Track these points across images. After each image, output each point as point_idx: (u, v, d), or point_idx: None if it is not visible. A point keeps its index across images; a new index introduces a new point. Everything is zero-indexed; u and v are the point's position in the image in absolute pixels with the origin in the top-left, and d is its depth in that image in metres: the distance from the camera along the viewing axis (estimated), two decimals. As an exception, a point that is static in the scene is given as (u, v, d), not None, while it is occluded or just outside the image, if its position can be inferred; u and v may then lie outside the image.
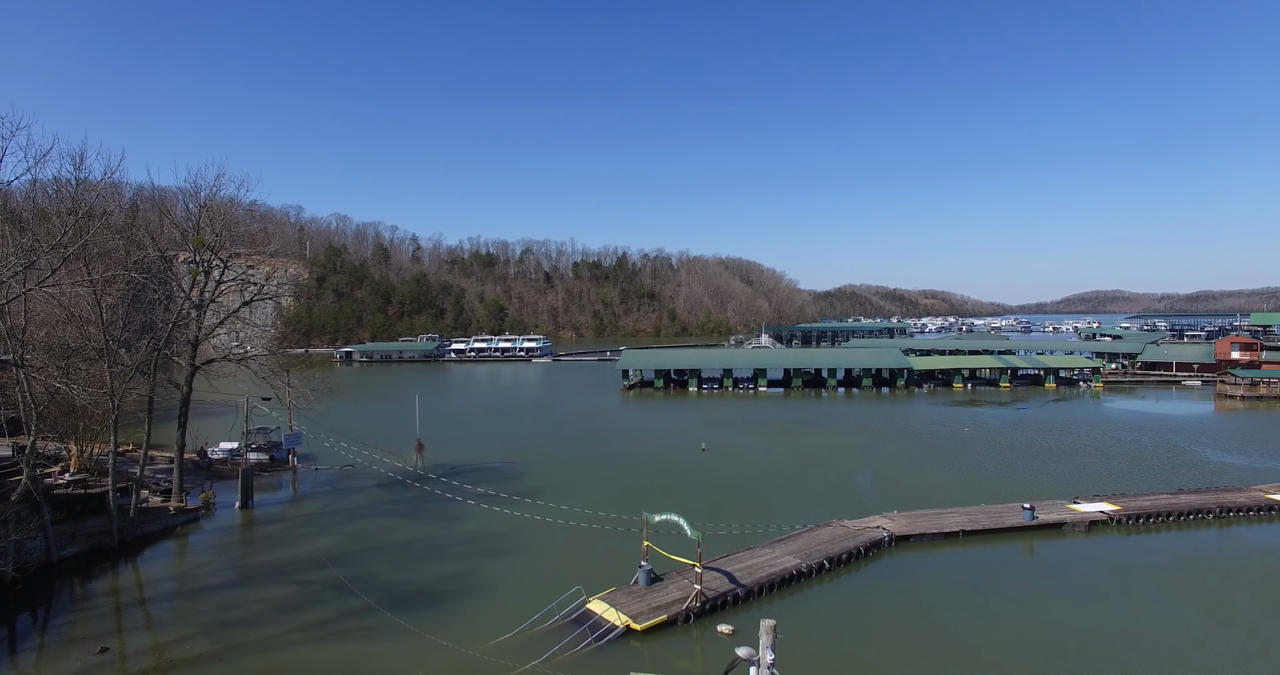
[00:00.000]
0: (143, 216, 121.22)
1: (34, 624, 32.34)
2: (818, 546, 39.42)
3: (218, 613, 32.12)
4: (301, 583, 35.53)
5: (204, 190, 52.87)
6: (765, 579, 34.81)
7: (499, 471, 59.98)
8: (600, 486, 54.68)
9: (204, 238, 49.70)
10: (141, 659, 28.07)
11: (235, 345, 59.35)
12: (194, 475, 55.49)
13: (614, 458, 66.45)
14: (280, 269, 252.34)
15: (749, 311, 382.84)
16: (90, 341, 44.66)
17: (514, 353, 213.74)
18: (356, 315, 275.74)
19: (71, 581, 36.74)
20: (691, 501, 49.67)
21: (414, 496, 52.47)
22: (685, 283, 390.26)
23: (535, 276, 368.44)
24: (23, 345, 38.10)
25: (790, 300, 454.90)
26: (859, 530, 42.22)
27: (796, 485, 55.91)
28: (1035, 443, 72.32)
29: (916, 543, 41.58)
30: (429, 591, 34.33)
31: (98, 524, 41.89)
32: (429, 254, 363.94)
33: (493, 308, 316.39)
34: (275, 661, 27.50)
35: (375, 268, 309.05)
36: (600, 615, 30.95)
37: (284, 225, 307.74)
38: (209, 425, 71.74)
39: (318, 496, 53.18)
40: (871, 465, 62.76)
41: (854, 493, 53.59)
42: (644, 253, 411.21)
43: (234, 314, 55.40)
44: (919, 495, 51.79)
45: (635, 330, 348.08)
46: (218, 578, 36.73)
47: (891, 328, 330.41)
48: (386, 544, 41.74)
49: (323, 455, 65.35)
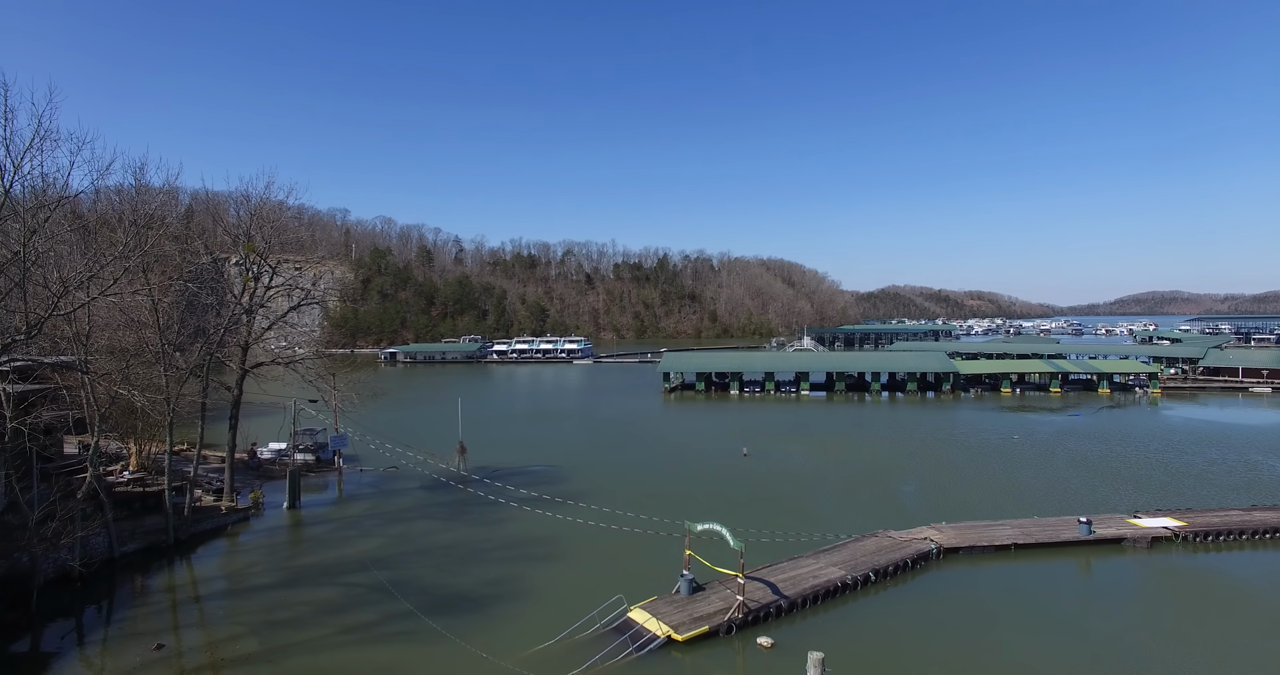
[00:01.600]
0: (197, 222, 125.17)
1: (99, 616, 33.63)
2: (863, 558, 38.58)
3: (266, 612, 32.80)
4: (346, 585, 36.07)
5: (254, 196, 54.30)
6: (809, 591, 34.17)
7: (541, 475, 60.21)
8: (641, 491, 54.48)
9: (254, 244, 50.97)
10: (195, 656, 28.80)
11: (284, 346, 60.78)
12: (244, 475, 56.93)
13: (655, 462, 66.19)
14: (327, 272, 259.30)
15: (790, 313, 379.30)
16: (147, 345, 46.22)
17: (555, 354, 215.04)
18: (401, 316, 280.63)
19: (132, 577, 38.04)
20: (733, 508, 49.13)
21: (456, 499, 52.97)
22: (726, 284, 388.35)
23: (576, 278, 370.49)
24: (86, 350, 39.55)
25: (832, 302, 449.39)
26: (906, 541, 41.21)
27: (840, 493, 54.92)
28: (1090, 452, 69.80)
29: (966, 555, 40.38)
30: (470, 596, 34.52)
31: (155, 522, 43.21)
32: (471, 256, 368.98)
33: (534, 309, 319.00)
34: (320, 664, 27.92)
35: (419, 269, 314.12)
36: (641, 625, 30.71)
37: (331, 228, 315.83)
38: (258, 426, 73.57)
39: (362, 498, 54.06)
40: (917, 473, 61.31)
41: (899, 502, 52.40)
42: (685, 254, 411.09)
43: (282, 318, 56.65)
44: (967, 506, 50.38)
45: (676, 332, 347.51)
46: (267, 578, 37.54)
47: (936, 330, 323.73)
48: (429, 547, 42.17)
49: (367, 457, 66.47)
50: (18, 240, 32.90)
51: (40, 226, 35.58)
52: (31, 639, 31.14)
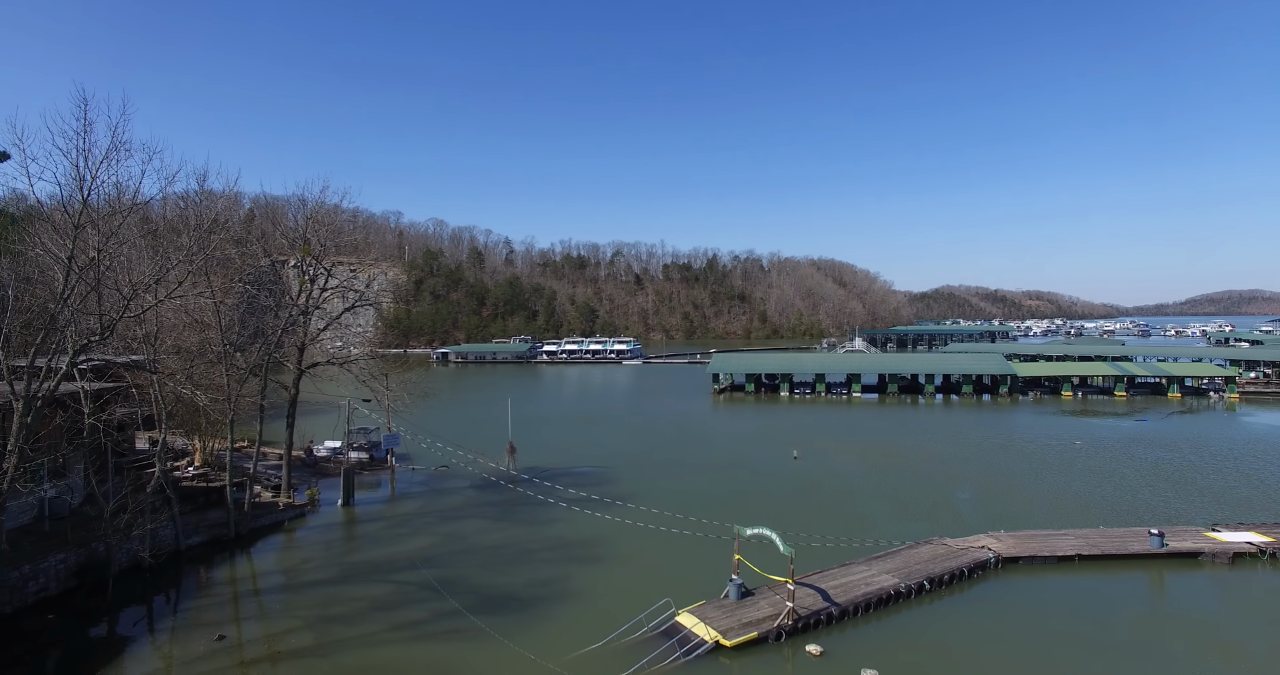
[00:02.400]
0: (256, 226, 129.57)
1: (167, 605, 35.03)
2: (917, 566, 37.51)
3: (321, 607, 33.57)
4: (397, 582, 36.68)
5: (310, 201, 55.84)
6: (860, 598, 33.37)
7: (589, 476, 60.36)
8: (690, 493, 54.12)
9: (310, 247, 52.40)
10: (254, 648, 29.65)
11: (339, 346, 62.36)
12: (300, 472, 58.55)
13: (704, 464, 65.72)
14: (380, 273, 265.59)
15: (842, 314, 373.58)
16: (210, 346, 48.00)
17: (605, 355, 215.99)
18: (452, 317, 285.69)
19: (197, 568, 39.46)
20: (782, 512, 48.40)
21: (506, 499, 53.47)
22: (776, 284, 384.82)
23: (626, 278, 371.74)
24: (155, 350, 41.20)
25: (885, 302, 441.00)
26: (962, 549, 39.92)
27: (893, 498, 53.59)
28: (1160, 460, 66.55)
29: (1026, 566, 38.84)
30: (518, 597, 34.71)
31: (217, 516, 44.73)
32: (522, 257, 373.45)
33: (584, 310, 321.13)
34: (371, 660, 28.40)
35: (470, 271, 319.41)
36: (690, 629, 30.42)
37: (385, 230, 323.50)
38: (314, 425, 75.57)
39: (414, 496, 55.01)
40: (973, 479, 59.41)
41: (954, 509, 50.84)
42: (734, 254, 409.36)
43: (336, 320, 58.09)
44: (1026, 514, 48.57)
45: (725, 332, 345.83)
46: (322, 573, 38.45)
47: (992, 331, 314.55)
48: (478, 546, 42.61)
49: (419, 455, 67.66)
50: (94, 246, 34.37)
51: (114, 232, 37.18)
52: (108, 624, 32.72)
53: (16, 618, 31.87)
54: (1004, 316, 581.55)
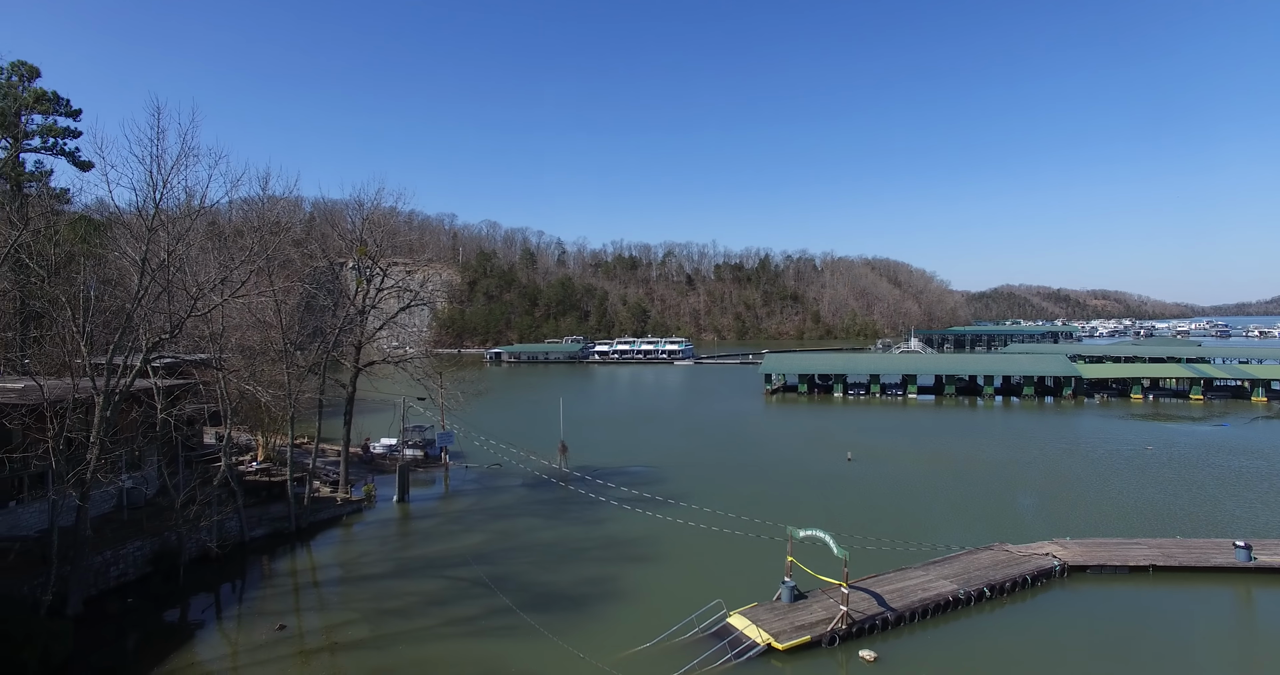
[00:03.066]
0: (317, 228, 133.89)
1: (233, 594, 36.31)
2: (977, 572, 36.27)
3: (377, 601, 34.27)
4: (450, 578, 37.20)
5: (367, 203, 57.27)
6: (917, 604, 32.43)
7: (641, 475, 60.31)
8: (742, 494, 53.57)
9: (367, 249, 53.74)
10: (312, 638, 30.45)
11: (395, 345, 63.74)
12: (357, 468, 60.07)
13: (756, 465, 65.02)
14: (435, 274, 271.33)
15: (897, 314, 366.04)
16: (272, 344, 49.68)
17: (656, 355, 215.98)
18: (505, 317, 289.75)
19: (260, 559, 40.81)
20: (836, 514, 47.51)
21: (558, 497, 53.82)
22: (829, 284, 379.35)
23: (677, 279, 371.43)
24: (220, 348, 42.83)
25: (941, 302, 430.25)
26: (1025, 556, 38.43)
27: (950, 502, 52.03)
28: (1244, 468, 62.77)
29: (1094, 575, 37.16)
30: (569, 595, 34.82)
31: (279, 510, 46.21)
32: (574, 257, 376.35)
33: (635, 310, 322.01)
34: (424, 653, 28.83)
35: (523, 271, 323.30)
36: (741, 631, 30.04)
37: (439, 232, 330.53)
38: (370, 422, 77.40)
39: (467, 493, 55.83)
40: (1035, 484, 57.22)
41: (1016, 514, 49.07)
42: (786, 254, 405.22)
43: (391, 319, 59.41)
44: (1093, 522, 46.52)
45: (778, 333, 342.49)
46: (378, 567, 39.29)
47: (1055, 331, 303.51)
48: (530, 544, 42.93)
49: (472, 453, 68.66)
50: (165, 248, 35.92)
51: (184, 235, 38.79)
52: (180, 610, 34.15)
53: (101, 600, 33.53)
54: (1067, 316, 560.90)
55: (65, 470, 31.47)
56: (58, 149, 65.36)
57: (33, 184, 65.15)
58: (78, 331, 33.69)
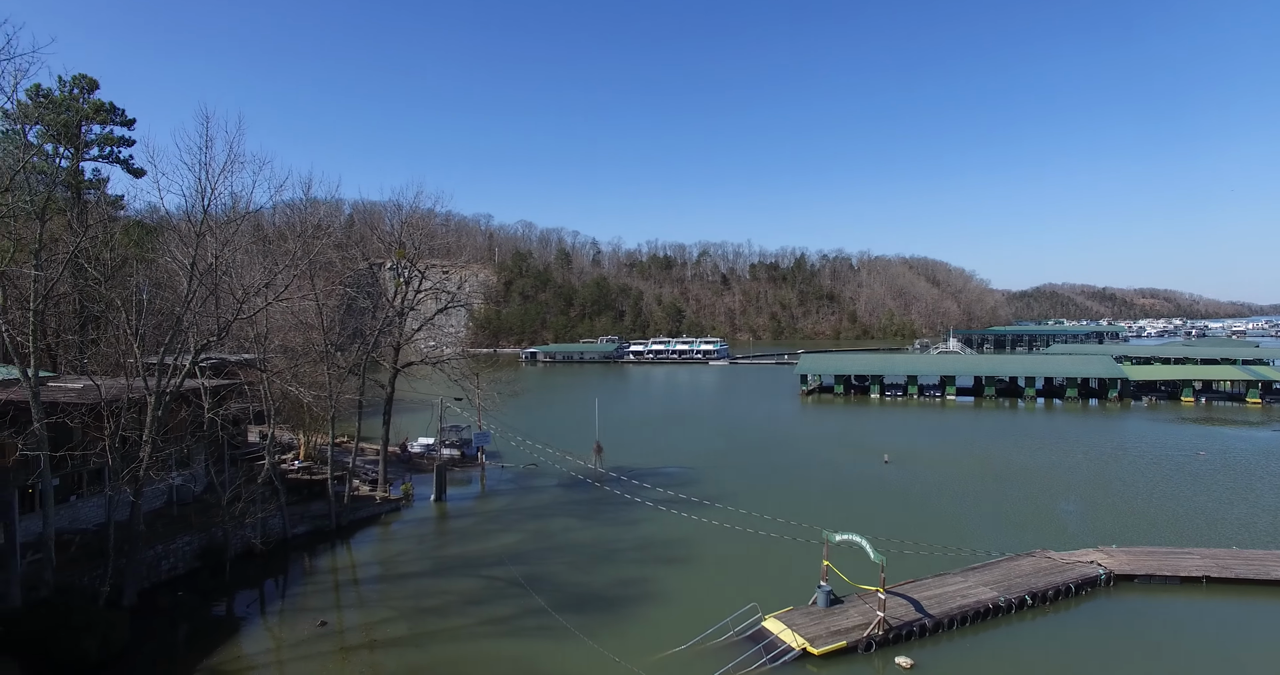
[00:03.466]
0: (356, 230, 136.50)
1: (276, 589, 37.39)
2: (1018, 579, 35.53)
3: (415, 599, 34.87)
4: (486, 577, 37.67)
5: (405, 206, 58.33)
6: (956, 611, 31.92)
7: (676, 476, 60.32)
8: (777, 496, 53.26)
9: (405, 251, 54.71)
10: (353, 635, 31.11)
11: (433, 346, 64.81)
12: (396, 468, 61.10)
13: (791, 466, 64.58)
14: (472, 275, 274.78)
15: (935, 313, 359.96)
16: (313, 346, 50.87)
17: (691, 355, 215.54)
18: (541, 317, 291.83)
19: (302, 556, 41.79)
20: (872, 518, 46.94)
21: (593, 498, 54.12)
22: (866, 284, 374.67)
23: (712, 278, 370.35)
24: (264, 350, 44.00)
25: (981, 301, 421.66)
26: (1068, 564, 37.52)
27: (990, 507, 51.02)
28: (1300, 473, 60.48)
29: (1142, 585, 36.08)
30: (604, 596, 35.00)
31: (320, 507, 47.27)
32: (609, 257, 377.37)
33: (670, 310, 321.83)
34: (460, 652, 29.26)
35: (558, 271, 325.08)
36: (776, 635, 29.89)
37: (475, 233, 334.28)
38: (408, 422, 78.54)
39: (503, 493, 56.44)
40: (1079, 489, 55.81)
41: (1058, 520, 47.90)
42: (823, 253, 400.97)
43: (429, 321, 60.35)
44: (1140, 529, 45.22)
45: (814, 333, 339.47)
46: (415, 566, 39.97)
47: (1100, 331, 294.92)
48: (565, 544, 43.25)
49: (508, 453, 69.36)
50: (212, 252, 37.04)
51: (230, 239, 39.96)
52: (227, 604, 35.20)
53: (153, 593, 34.72)
54: (1113, 316, 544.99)
55: (120, 467, 32.72)
56: (114, 157, 67.77)
57: (91, 191, 67.65)
58: (131, 333, 34.93)
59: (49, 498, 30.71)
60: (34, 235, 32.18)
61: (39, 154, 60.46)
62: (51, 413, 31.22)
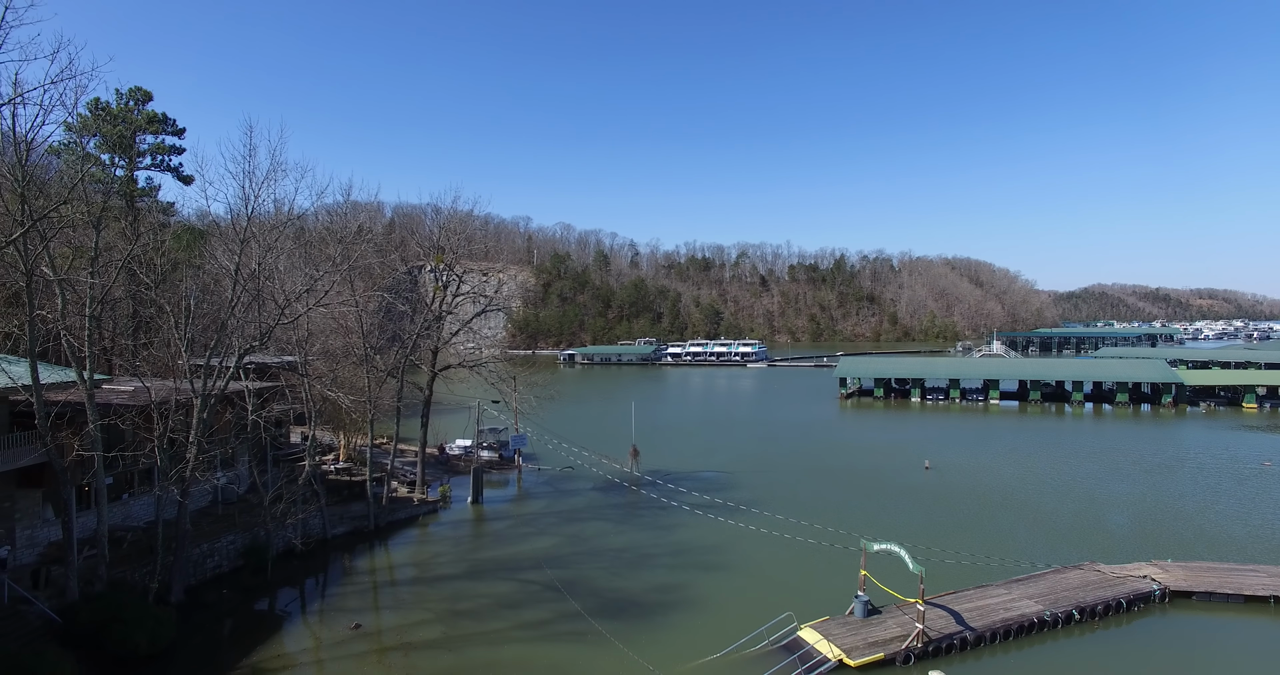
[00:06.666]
0: (396, 234, 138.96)
1: (316, 588, 38.10)
2: (1065, 592, 34.37)
3: (450, 602, 35.17)
4: (522, 581, 37.80)
5: (444, 209, 59.09)
6: (999, 624, 31.02)
7: (712, 481, 59.95)
8: (814, 502, 52.58)
9: (444, 255, 55.43)
10: (389, 637, 31.47)
11: (471, 348, 65.51)
12: (433, 469, 61.87)
13: (829, 472, 63.66)
14: (510, 278, 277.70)
15: (978, 315, 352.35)
16: (353, 350, 51.84)
17: (729, 357, 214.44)
18: (579, 319, 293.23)
19: (342, 556, 42.50)
20: (912, 526, 46.05)
21: (628, 501, 54.07)
22: (907, 285, 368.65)
23: (751, 280, 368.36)
24: (305, 353, 44.95)
25: (1026, 303, 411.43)
26: (1119, 578, 36.17)
27: (1034, 517, 49.53)
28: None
29: (1201, 603, 34.50)
30: (638, 602, 34.85)
31: (359, 508, 48.07)
32: (647, 259, 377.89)
33: (708, 311, 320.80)
34: (494, 656, 29.34)
35: (596, 273, 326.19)
36: (812, 645, 29.41)
37: (514, 235, 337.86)
38: (446, 424, 79.48)
39: (539, 496, 56.72)
40: (1131, 500, 53.83)
41: (1108, 532, 46.25)
42: (862, 254, 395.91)
43: (466, 325, 61.05)
44: (1199, 544, 43.33)
45: (854, 334, 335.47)
46: (451, 568, 40.33)
47: (1154, 333, 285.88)
48: (600, 549, 43.22)
49: (545, 456, 69.73)
50: (256, 258, 37.96)
51: (273, 245, 40.91)
52: (269, 601, 36.00)
53: (199, 589, 35.70)
54: (1167, 317, 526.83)
55: (168, 467, 33.69)
56: (164, 165, 70.16)
57: (144, 199, 70.06)
58: (179, 337, 35.97)
59: (103, 496, 31.80)
60: (91, 243, 33.32)
61: (96, 164, 62.88)
62: (105, 414, 32.31)
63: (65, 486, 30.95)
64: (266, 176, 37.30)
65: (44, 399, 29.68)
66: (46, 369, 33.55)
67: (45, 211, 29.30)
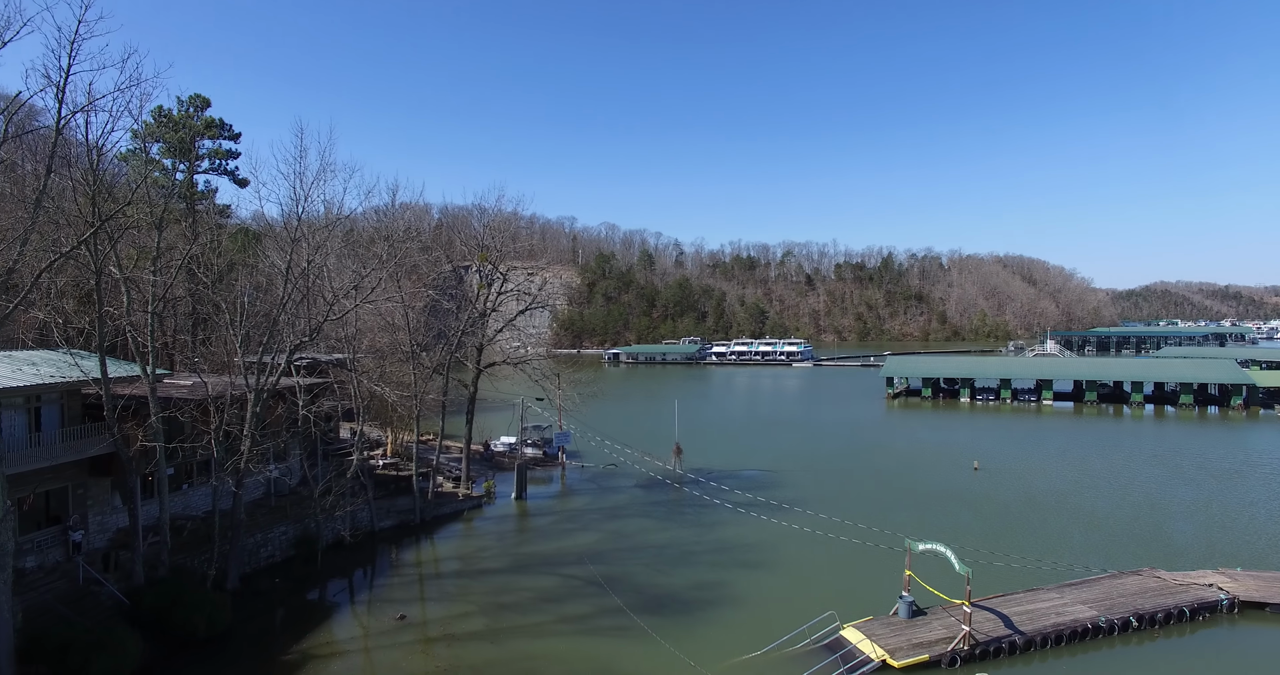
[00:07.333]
0: (443, 234, 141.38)
1: (364, 579, 39.08)
2: (1122, 598, 33.13)
3: (494, 595, 35.67)
4: (564, 576, 38.14)
5: (489, 209, 59.98)
6: (1049, 629, 30.09)
7: (755, 480, 59.53)
8: (859, 502, 51.79)
9: (488, 254, 56.27)
10: (434, 628, 32.10)
11: (516, 346, 66.36)
12: (478, 465, 62.79)
13: (875, 472, 62.61)
14: (554, 277, 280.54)
15: (1031, 314, 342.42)
16: (399, 346, 53.02)
17: (774, 356, 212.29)
18: (623, 318, 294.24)
19: (389, 548, 43.48)
20: (959, 527, 45.02)
21: (671, 499, 54.08)
22: (957, 283, 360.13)
23: (796, 279, 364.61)
24: (353, 350, 46.12)
25: (1082, 301, 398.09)
26: (1181, 585, 34.70)
27: (1089, 520, 47.87)
28: None
29: (1275, 614, 32.86)
30: (680, 598, 34.83)
31: (405, 503, 49.09)
32: (691, 258, 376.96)
33: (753, 311, 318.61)
34: (536, 649, 29.66)
35: (641, 273, 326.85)
36: (855, 645, 29.00)
37: (559, 235, 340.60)
38: (491, 421, 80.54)
39: (583, 492, 57.12)
40: (1195, 506, 51.53)
41: (1169, 538, 44.39)
42: (910, 252, 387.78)
43: (510, 323, 61.83)
44: (1273, 554, 41.12)
45: (901, 334, 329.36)
46: (495, 562, 40.90)
47: (1222, 333, 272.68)
48: (643, 545, 43.32)
49: (589, 453, 70.16)
50: (306, 257, 39.15)
51: (322, 244, 42.11)
52: (319, 591, 37.05)
53: (253, 577, 37.00)
54: (1238, 316, 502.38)
55: (224, 459, 34.99)
56: (221, 169, 72.88)
57: (202, 202, 72.87)
58: (234, 334, 37.31)
59: (164, 485, 33.21)
60: (153, 243, 34.80)
61: (159, 168, 65.61)
62: (166, 407, 33.73)
63: (131, 475, 32.37)
64: (316, 177, 38.49)
65: (111, 392, 31.11)
66: (113, 364, 35.20)
67: (112, 213, 30.67)
